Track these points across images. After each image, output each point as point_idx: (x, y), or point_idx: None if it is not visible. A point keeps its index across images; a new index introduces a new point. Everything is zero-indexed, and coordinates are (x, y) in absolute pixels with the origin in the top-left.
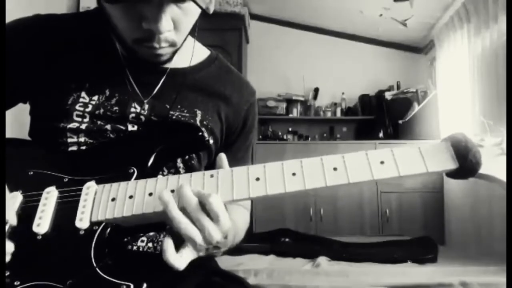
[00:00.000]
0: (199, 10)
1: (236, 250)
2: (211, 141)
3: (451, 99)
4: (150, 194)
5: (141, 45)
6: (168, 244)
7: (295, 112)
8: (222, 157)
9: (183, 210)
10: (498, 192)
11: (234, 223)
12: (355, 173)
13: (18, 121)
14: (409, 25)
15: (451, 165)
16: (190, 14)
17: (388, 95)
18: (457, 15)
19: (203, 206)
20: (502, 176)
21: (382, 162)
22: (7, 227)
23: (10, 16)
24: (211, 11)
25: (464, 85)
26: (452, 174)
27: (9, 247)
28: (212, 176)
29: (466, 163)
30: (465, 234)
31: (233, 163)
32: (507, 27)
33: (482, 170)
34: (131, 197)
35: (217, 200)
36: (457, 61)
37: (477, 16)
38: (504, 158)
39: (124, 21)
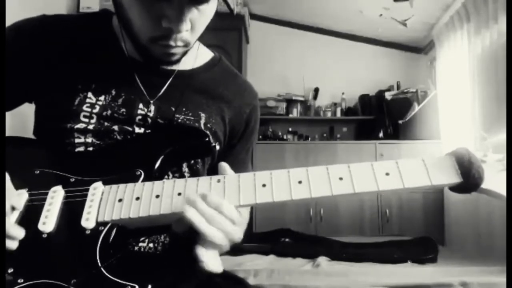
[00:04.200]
0: (213, 12)
1: (236, 250)
2: (217, 147)
3: (451, 99)
4: (157, 196)
5: (157, 43)
6: (203, 252)
7: (295, 112)
8: (226, 167)
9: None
10: None
11: None
12: (361, 183)
13: (19, 119)
14: (409, 25)
15: (455, 179)
16: (206, 16)
17: (388, 95)
18: (457, 15)
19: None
20: (503, 191)
21: (387, 174)
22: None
23: (10, 15)
24: (235, 13)
25: (464, 85)
26: (455, 188)
27: (19, 233)
28: (219, 181)
29: (469, 177)
30: (465, 234)
31: (233, 165)
32: (507, 27)
33: (484, 185)
34: (137, 198)
35: (229, 207)
36: (457, 61)
37: (477, 16)
38: (505, 174)
39: (143, 19)
